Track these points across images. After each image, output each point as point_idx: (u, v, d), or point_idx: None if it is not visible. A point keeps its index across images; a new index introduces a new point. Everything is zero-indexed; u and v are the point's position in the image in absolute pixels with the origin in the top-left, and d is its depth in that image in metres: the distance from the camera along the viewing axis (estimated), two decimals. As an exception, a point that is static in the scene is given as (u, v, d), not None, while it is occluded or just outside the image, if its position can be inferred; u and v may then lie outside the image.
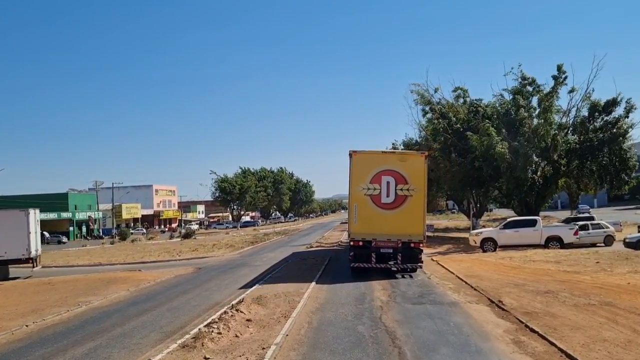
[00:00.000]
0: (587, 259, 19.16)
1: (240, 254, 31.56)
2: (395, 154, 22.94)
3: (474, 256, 22.56)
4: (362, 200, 17.94)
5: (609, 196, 78.50)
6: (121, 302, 15.12)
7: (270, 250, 32.26)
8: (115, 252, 38.40)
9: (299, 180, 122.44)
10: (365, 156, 18.46)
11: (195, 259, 29.77)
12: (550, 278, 15.11)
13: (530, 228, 25.52)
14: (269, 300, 12.62)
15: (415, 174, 17.90)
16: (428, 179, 19.05)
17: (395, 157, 19.56)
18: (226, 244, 39.59)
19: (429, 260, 21.86)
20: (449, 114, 35.51)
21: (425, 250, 19.68)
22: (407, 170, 17.93)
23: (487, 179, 34.37)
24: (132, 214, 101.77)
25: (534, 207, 35.52)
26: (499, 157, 30.73)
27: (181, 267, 24.88)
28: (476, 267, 18.53)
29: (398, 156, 19.73)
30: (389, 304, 12.23)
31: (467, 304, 12.00)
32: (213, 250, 34.17)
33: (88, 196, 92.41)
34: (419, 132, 51.38)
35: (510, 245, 25.38)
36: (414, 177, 17.86)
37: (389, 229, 17.63)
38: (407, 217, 17.65)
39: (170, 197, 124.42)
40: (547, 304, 11.35)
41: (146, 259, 31.16)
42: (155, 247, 41.84)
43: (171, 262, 29.33)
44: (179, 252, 34.54)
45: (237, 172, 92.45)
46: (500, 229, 26.05)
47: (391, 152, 27.96)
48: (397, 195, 17.78)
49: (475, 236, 26.42)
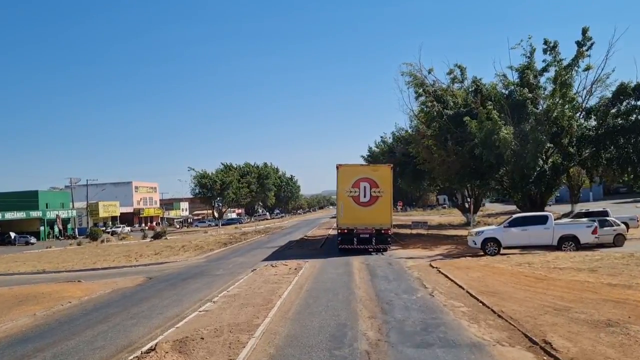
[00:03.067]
0: (626, 266, 15.21)
1: (207, 258, 27.30)
2: (369, 166, 32.89)
3: (483, 261, 18.47)
4: (347, 200, 24.26)
5: (604, 189, 75.21)
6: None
7: (242, 254, 28.01)
8: (72, 256, 33.96)
9: (283, 175, 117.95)
10: (348, 168, 25.10)
11: (153, 265, 25.50)
12: (597, 296, 11.08)
13: (540, 226, 21.29)
14: (198, 347, 8.32)
15: (384, 181, 24.32)
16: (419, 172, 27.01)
17: (369, 168, 28.11)
18: (196, 245, 35.26)
19: (428, 267, 17.78)
20: (445, 97, 31.46)
21: (419, 252, 23.44)
22: (378, 177, 24.33)
23: (487, 169, 30.44)
24: (109, 212, 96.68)
25: (539, 200, 31.66)
26: (503, 144, 26.78)
27: (129, 277, 20.65)
28: (490, 278, 14.48)
29: (372, 167, 28.32)
30: (379, 348, 8.09)
31: (497, 348, 7.90)
32: (178, 254, 29.87)
33: (60, 194, 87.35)
34: (409, 122, 47.86)
35: (517, 247, 21.41)
36: (383, 182, 24.26)
37: (366, 220, 24.05)
38: (378, 211, 23.98)
39: (152, 194, 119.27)
40: (623, 350, 7.32)
41: (98, 266, 26.82)
42: (119, 249, 37.37)
43: (125, 268, 25.08)
44: (139, 255, 30.21)
45: (218, 168, 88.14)
46: (505, 227, 21.78)
47: (367, 165, 38.55)
48: (372, 196, 24.14)
49: (475, 236, 22.18)
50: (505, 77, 31.27)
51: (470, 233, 23.07)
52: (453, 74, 32.87)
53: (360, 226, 24.14)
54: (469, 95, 32.57)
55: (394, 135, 57.23)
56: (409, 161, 45.88)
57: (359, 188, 24.19)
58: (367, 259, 21.65)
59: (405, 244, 28.30)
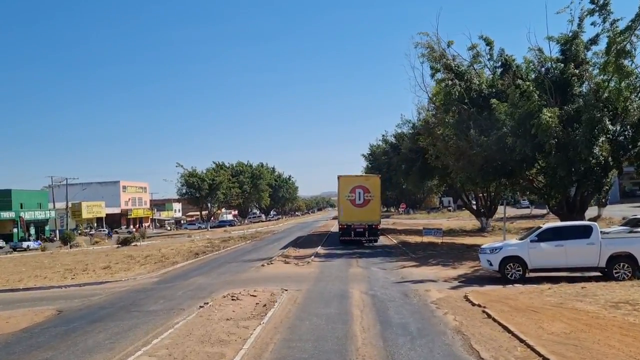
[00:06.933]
0: None
1: (161, 276, 21.06)
2: (363, 176, 42.18)
3: (549, 296, 12.03)
4: (346, 202, 30.69)
5: (620, 191, 68.96)
6: None
7: (208, 270, 21.78)
8: (9, 267, 27.95)
9: (280, 175, 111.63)
10: (346, 178, 31.97)
11: (89, 286, 19.40)
12: None
13: (581, 240, 14.89)
14: None
15: (374, 187, 30.90)
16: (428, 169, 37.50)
17: (363, 178, 35.92)
18: (162, 255, 29.06)
19: (465, 304, 11.64)
20: (468, 74, 25.35)
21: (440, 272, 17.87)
22: (369, 185, 30.97)
23: (517, 164, 24.34)
24: (94, 213, 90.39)
25: (579, 204, 25.54)
26: (544, 130, 20.75)
27: (38, 308, 14.69)
28: (589, 338, 8.31)
29: (365, 177, 37.38)
30: None
31: None
32: (132, 268, 23.73)
33: (38, 193, 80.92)
34: (417, 115, 41.75)
35: (549, 269, 15.28)
36: (374, 189, 30.78)
37: (360, 218, 30.33)
38: (370, 211, 30.40)
39: (141, 194, 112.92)
40: None
41: (21, 285, 20.74)
42: (71, 259, 31.23)
43: (51, 290, 19.18)
44: (82, 270, 24.06)
45: (209, 167, 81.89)
46: (533, 242, 15.32)
47: (361, 175, 43.84)
48: (365, 199, 30.41)
49: (490, 254, 15.82)
50: (541, 52, 25.08)
51: (483, 251, 16.45)
52: (476, 49, 26.69)
53: (356, 222, 30.35)
54: (495, 75, 26.50)
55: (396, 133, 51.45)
56: (416, 158, 40.18)
57: (355, 193, 30.60)
58: (371, 284, 15.59)
59: (419, 259, 22.17)
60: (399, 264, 20.82)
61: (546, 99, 22.40)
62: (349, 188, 30.60)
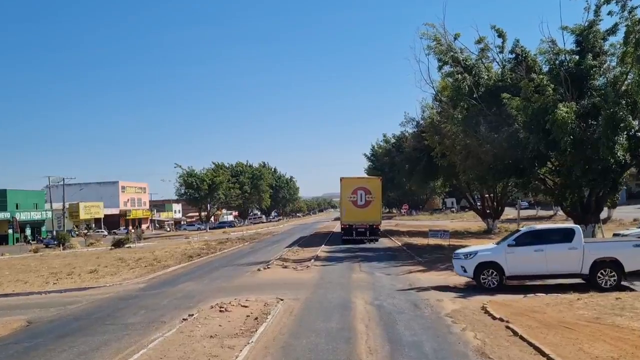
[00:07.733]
0: None
1: (148, 282, 19.60)
2: (364, 178, 42.84)
3: (580, 308, 10.56)
4: (348, 203, 32.14)
5: (627, 192, 67.28)
6: None
7: (199, 276, 20.33)
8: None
9: (281, 176, 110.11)
10: (348, 180, 33.34)
11: (71, 292, 18.00)
12: None
13: (562, 245, 13.66)
14: None
15: (375, 189, 32.52)
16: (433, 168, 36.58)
17: (364, 179, 37.11)
18: (155, 258, 27.62)
19: (485, 318, 10.19)
20: (477, 67, 23.89)
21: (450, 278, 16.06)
22: (370, 187, 32.67)
23: (530, 162, 22.93)
24: (92, 214, 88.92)
25: (594, 205, 24.05)
26: (559, 127, 19.30)
27: (3, 320, 13.28)
28: None
29: (366, 179, 38.95)
30: None
31: None
32: (119, 272, 22.30)
33: (34, 193, 79.52)
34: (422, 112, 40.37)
35: (528, 276, 14.17)
36: (375, 190, 32.39)
37: (362, 218, 31.76)
38: (371, 212, 31.93)
39: (140, 194, 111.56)
40: None
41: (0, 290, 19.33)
42: (60, 261, 29.79)
43: (31, 296, 17.80)
44: (68, 273, 22.64)
45: (209, 168, 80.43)
46: (510, 246, 14.08)
47: (362, 177, 43.17)
48: (366, 200, 31.87)
49: (464, 259, 14.56)
50: (554, 44, 23.60)
51: (457, 256, 15.04)
52: (484, 42, 25.23)
53: (358, 222, 31.50)
54: (504, 68, 25.04)
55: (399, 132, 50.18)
56: (421, 157, 38.86)
57: (356, 194, 31.78)
58: (376, 292, 14.15)
59: (426, 263, 20.70)
60: (405, 268, 19.40)
61: (561, 93, 20.98)
62: (351, 189, 31.97)
